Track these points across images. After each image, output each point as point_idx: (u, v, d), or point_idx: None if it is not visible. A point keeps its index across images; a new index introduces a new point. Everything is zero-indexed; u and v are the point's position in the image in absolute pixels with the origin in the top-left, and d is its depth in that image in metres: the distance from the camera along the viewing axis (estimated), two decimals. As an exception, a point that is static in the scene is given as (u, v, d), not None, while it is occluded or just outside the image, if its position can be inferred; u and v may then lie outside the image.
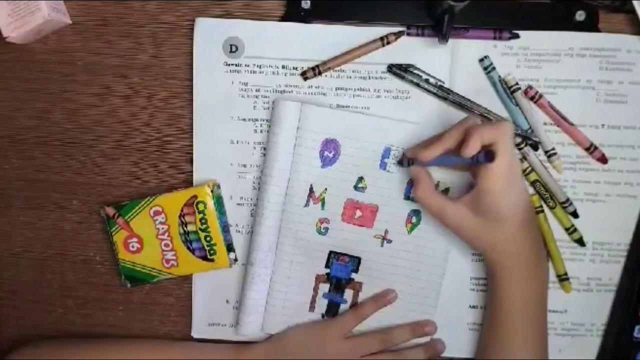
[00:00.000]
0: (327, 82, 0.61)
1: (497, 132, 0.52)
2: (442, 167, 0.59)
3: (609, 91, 0.60)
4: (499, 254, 0.56)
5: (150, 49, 0.63)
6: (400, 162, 0.60)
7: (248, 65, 0.62)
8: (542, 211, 0.61)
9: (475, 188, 0.54)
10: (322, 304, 0.64)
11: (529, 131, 0.61)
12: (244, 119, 0.62)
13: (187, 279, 0.65)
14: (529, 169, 0.61)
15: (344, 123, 0.60)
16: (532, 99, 0.60)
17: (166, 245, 0.63)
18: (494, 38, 0.60)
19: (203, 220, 0.62)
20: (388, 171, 0.61)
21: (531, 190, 0.61)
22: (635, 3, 0.58)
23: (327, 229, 0.62)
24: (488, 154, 0.51)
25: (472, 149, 0.51)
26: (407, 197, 0.61)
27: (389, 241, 0.62)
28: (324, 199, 0.61)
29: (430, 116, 0.61)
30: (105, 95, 0.64)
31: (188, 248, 0.63)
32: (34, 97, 0.64)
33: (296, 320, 0.64)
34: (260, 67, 0.62)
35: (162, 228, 0.63)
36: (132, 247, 0.64)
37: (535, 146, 0.61)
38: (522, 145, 0.61)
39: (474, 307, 0.63)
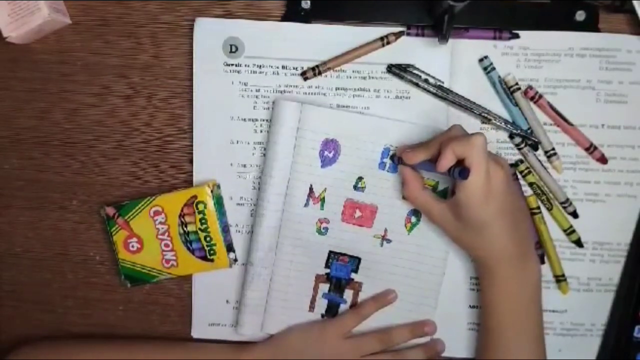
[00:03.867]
0: (327, 82, 0.62)
1: (467, 147, 0.51)
2: (427, 172, 0.59)
3: (609, 91, 0.60)
4: (482, 255, 0.56)
5: (150, 48, 0.63)
6: (392, 158, 0.60)
7: (248, 65, 0.62)
8: (539, 212, 0.61)
9: (454, 197, 0.54)
10: (322, 304, 0.64)
11: (529, 131, 0.61)
12: (244, 119, 0.62)
13: (187, 279, 0.65)
14: (528, 169, 0.61)
15: (344, 123, 0.60)
16: (532, 99, 0.60)
17: (166, 245, 0.63)
18: (494, 38, 0.60)
19: (203, 221, 0.62)
20: (387, 171, 0.61)
21: (529, 192, 0.61)
22: (635, 3, 0.58)
23: (326, 228, 0.62)
24: (462, 171, 0.51)
25: (445, 164, 0.52)
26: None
27: (389, 241, 0.62)
28: (323, 198, 0.61)
29: (430, 116, 0.61)
30: (106, 95, 0.64)
31: (188, 248, 0.63)
32: (34, 97, 0.64)
33: (296, 320, 0.64)
34: (260, 67, 0.62)
35: (162, 228, 0.63)
36: (132, 247, 0.64)
37: (534, 146, 0.61)
38: (522, 146, 0.61)
39: (473, 307, 0.63)
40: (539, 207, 0.61)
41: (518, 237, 0.56)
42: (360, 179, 0.61)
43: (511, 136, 0.61)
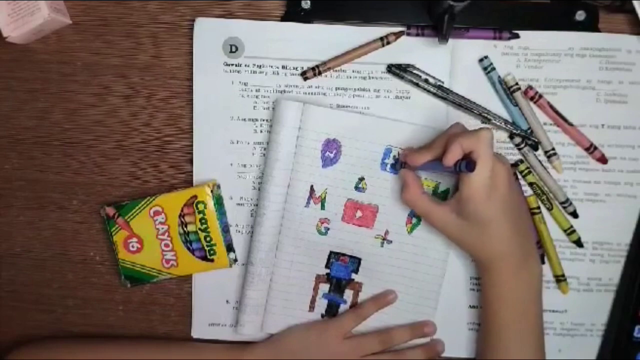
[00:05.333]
0: (327, 82, 0.62)
1: (474, 141, 0.52)
2: (432, 173, 0.59)
3: (609, 91, 0.60)
4: (485, 255, 0.56)
5: (150, 49, 0.63)
6: (394, 166, 0.60)
7: (248, 65, 0.62)
8: (539, 212, 0.61)
9: (457, 193, 0.54)
10: (322, 304, 0.64)
11: (529, 131, 0.61)
12: (244, 119, 0.62)
13: (187, 279, 0.65)
14: (528, 169, 0.61)
15: (346, 123, 0.60)
16: (532, 99, 0.60)
17: (166, 245, 0.63)
18: (494, 38, 0.60)
19: (203, 221, 0.62)
20: (388, 172, 0.61)
21: (529, 192, 0.62)
22: (635, 3, 0.58)
23: (327, 229, 0.62)
24: (469, 163, 0.51)
25: (452, 157, 0.52)
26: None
27: (389, 241, 0.62)
28: (324, 199, 0.61)
29: (430, 116, 0.61)
30: (105, 95, 0.64)
31: (188, 248, 0.63)
32: (34, 97, 0.64)
33: (296, 320, 0.64)
34: (260, 67, 0.62)
35: (162, 228, 0.63)
36: (132, 247, 0.64)
37: (534, 146, 0.61)
38: (522, 146, 0.61)
39: (474, 307, 0.63)
40: (539, 207, 0.61)
41: (520, 236, 0.56)
42: (361, 179, 0.61)
43: (511, 136, 0.61)
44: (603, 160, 0.61)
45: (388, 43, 0.60)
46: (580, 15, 0.60)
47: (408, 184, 0.57)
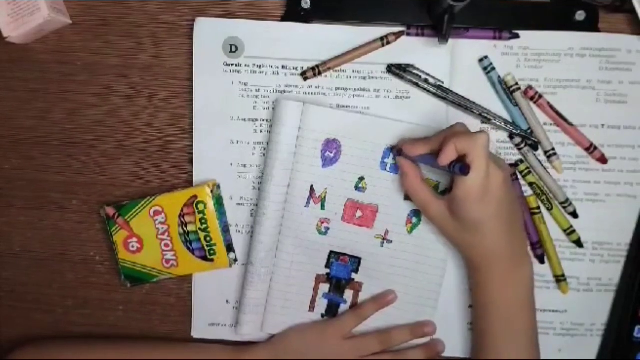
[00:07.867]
0: (327, 82, 0.62)
1: (470, 144, 0.51)
2: (427, 166, 0.59)
3: (608, 91, 0.60)
4: (475, 256, 0.56)
5: (150, 48, 0.63)
6: (392, 150, 0.60)
7: (248, 65, 0.62)
8: (539, 212, 0.61)
9: (451, 193, 0.54)
10: (322, 304, 0.64)
11: (529, 131, 0.61)
12: (244, 119, 0.62)
13: (187, 279, 0.65)
14: (528, 169, 0.61)
15: (346, 123, 0.60)
16: (531, 99, 0.60)
17: (166, 245, 0.63)
18: (494, 38, 0.60)
19: (203, 221, 0.62)
20: (388, 172, 0.61)
21: (529, 192, 0.62)
22: (635, 3, 0.58)
23: (327, 229, 0.62)
24: (463, 167, 0.51)
25: (445, 158, 0.52)
26: (407, 198, 0.61)
27: (389, 241, 0.62)
28: (324, 198, 0.61)
29: (430, 116, 0.61)
30: (106, 95, 0.64)
31: (188, 248, 0.63)
32: (34, 97, 0.64)
33: (296, 320, 0.64)
34: (260, 67, 0.62)
35: (162, 228, 0.63)
36: (132, 247, 0.64)
37: (534, 146, 0.61)
38: (522, 146, 0.61)
39: (474, 307, 0.63)
40: (539, 207, 0.61)
41: (511, 239, 0.56)
42: (361, 179, 0.61)
43: (511, 136, 0.61)
44: (603, 160, 0.61)
45: (388, 43, 0.60)
46: (580, 15, 0.60)
47: (406, 172, 0.57)
